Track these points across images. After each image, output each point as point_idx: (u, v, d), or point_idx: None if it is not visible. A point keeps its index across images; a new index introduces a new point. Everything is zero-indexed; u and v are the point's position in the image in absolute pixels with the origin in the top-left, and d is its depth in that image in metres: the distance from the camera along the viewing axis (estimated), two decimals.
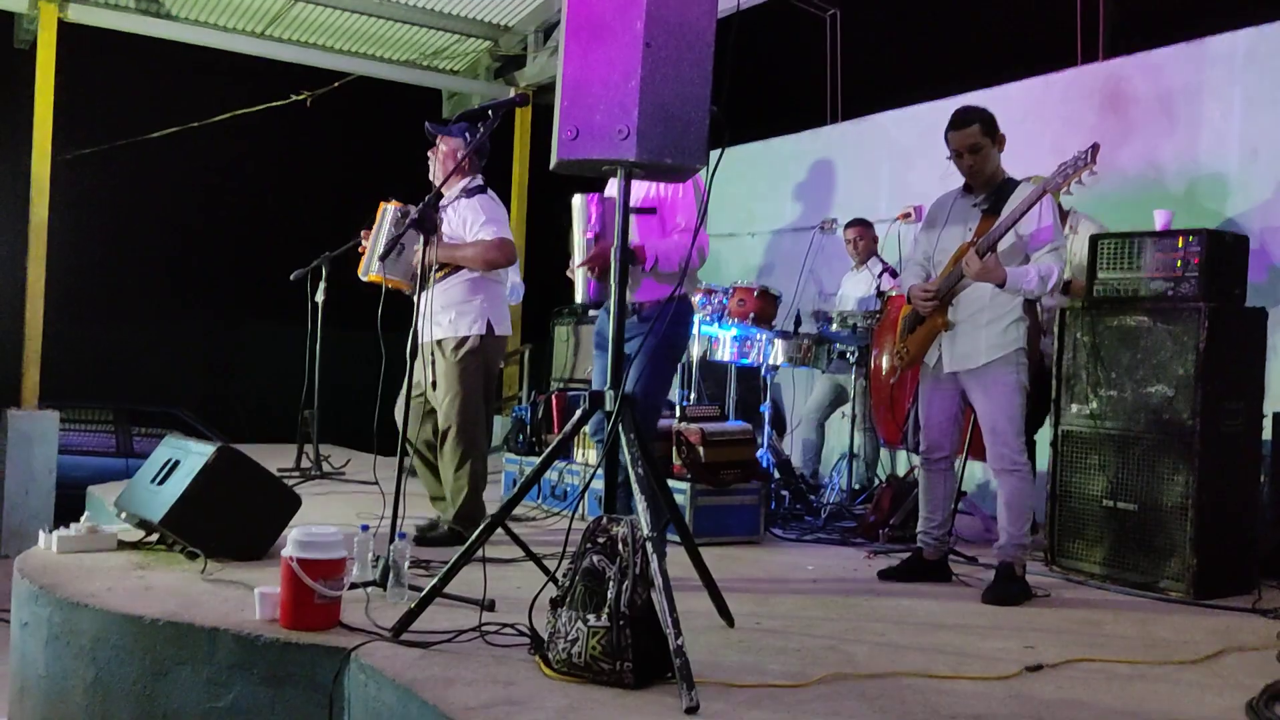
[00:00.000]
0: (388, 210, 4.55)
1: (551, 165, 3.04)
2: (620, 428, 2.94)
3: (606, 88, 2.84)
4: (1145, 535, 4.14)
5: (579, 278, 3.80)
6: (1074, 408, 4.44)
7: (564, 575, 2.76)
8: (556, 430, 5.84)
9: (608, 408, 2.97)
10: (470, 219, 4.48)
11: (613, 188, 3.92)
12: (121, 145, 10.37)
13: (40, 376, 7.91)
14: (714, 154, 3.00)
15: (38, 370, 7.88)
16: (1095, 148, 3.76)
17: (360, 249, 4.77)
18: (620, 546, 2.68)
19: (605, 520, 2.75)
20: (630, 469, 2.87)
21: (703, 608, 3.29)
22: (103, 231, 12.60)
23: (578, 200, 3.79)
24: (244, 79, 10.17)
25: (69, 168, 8.23)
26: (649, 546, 2.67)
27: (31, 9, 8.00)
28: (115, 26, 8.50)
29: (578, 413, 3.09)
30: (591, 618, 2.63)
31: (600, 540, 2.71)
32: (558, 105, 2.91)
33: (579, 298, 3.82)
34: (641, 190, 3.86)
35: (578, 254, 3.79)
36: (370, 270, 4.53)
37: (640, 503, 2.76)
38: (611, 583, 2.64)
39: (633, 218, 3.77)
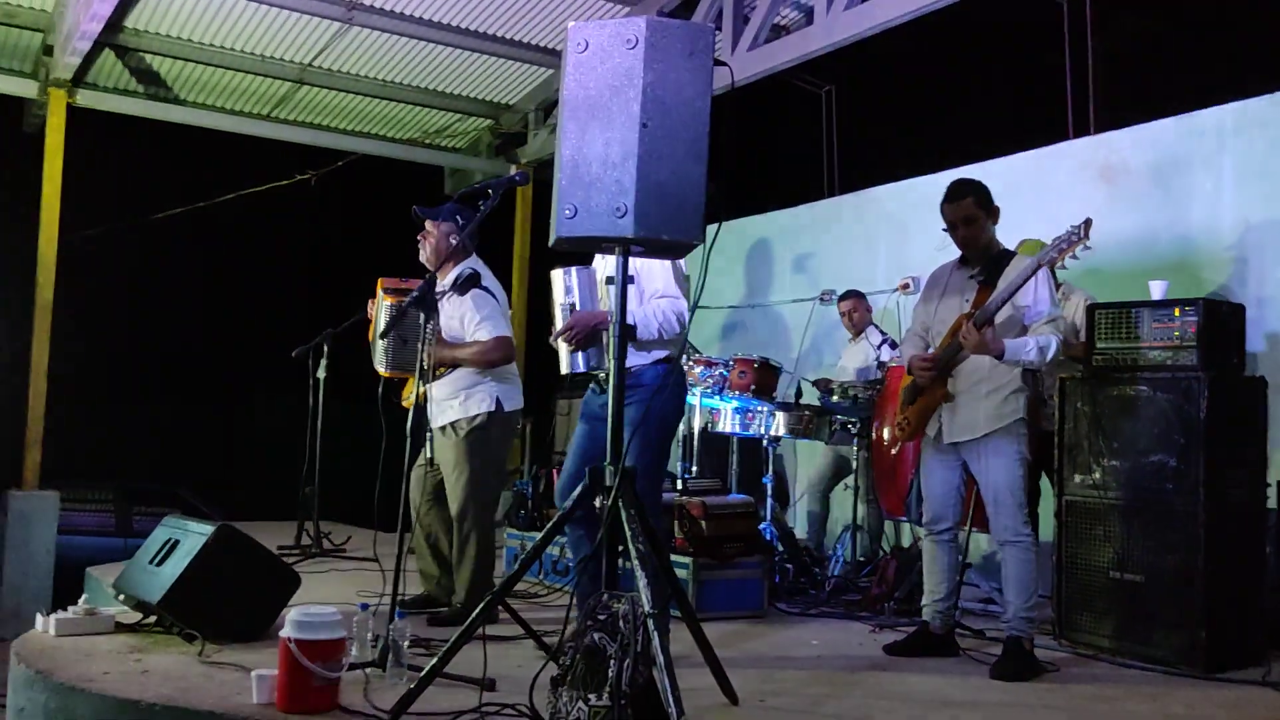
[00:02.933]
0: (383, 305, 4.59)
1: (551, 243, 3.08)
2: (621, 503, 2.92)
3: (604, 167, 2.88)
4: (1153, 607, 4.10)
5: (561, 349, 3.80)
6: (1077, 478, 4.42)
7: (565, 653, 2.73)
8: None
9: (607, 483, 2.96)
10: (467, 317, 4.47)
11: (594, 260, 3.95)
12: (127, 226, 10.49)
13: (41, 457, 7.89)
14: (711, 229, 3.03)
15: (39, 451, 7.87)
16: (1088, 222, 3.80)
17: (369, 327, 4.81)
18: (621, 623, 2.65)
19: (606, 597, 2.73)
20: (630, 545, 2.85)
21: (706, 684, 3.24)
22: (105, 310, 12.67)
23: (556, 274, 3.82)
24: (249, 160, 10.33)
25: (74, 248, 8.31)
26: (650, 623, 2.64)
27: (41, 94, 8.16)
28: (124, 111, 8.67)
29: (578, 489, 3.08)
30: (593, 697, 2.59)
31: (601, 617, 2.69)
32: (556, 184, 2.95)
33: (563, 369, 3.83)
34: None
35: (557, 326, 3.80)
36: (383, 370, 4.52)
37: (640, 579, 2.74)
38: (613, 661, 2.61)
39: (609, 288, 3.77)
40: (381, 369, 4.50)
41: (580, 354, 3.73)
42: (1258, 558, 4.26)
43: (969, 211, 4.03)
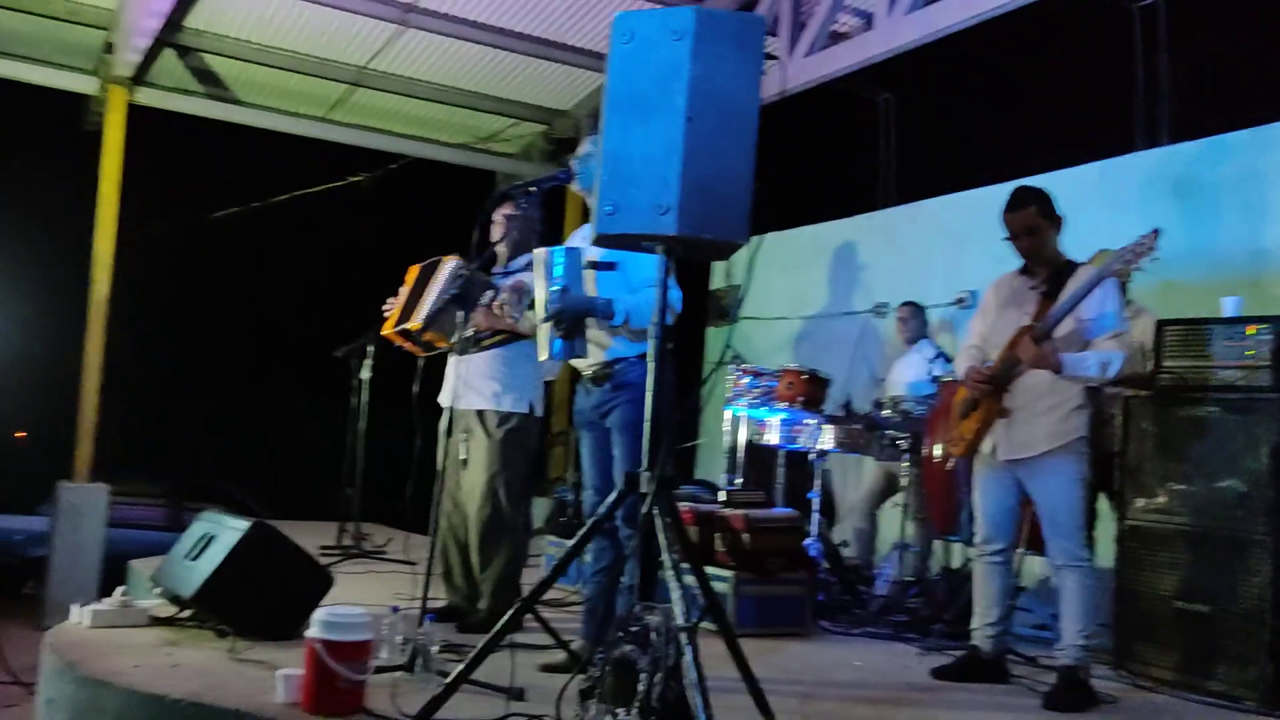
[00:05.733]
0: (448, 264, 4.30)
1: (591, 241, 2.99)
2: (656, 511, 2.81)
3: (647, 163, 2.78)
4: (1219, 639, 3.89)
5: (543, 334, 3.60)
6: (1140, 501, 4.23)
7: (594, 665, 2.63)
8: None
9: (643, 489, 2.84)
10: None
11: (575, 238, 3.78)
12: (181, 224, 10.62)
13: (94, 451, 7.97)
14: (757, 238, 2.90)
15: (91, 443, 7.95)
16: (1156, 233, 3.65)
17: (388, 307, 4.50)
18: (653, 636, 2.54)
19: (638, 608, 2.63)
20: (666, 554, 2.74)
21: (741, 704, 3.11)
22: (159, 307, 12.89)
23: (540, 252, 3.63)
24: (304, 161, 10.41)
25: (130, 245, 8.40)
26: (683, 638, 2.53)
27: (101, 92, 8.26)
28: (182, 110, 8.77)
29: (611, 495, 2.97)
30: (621, 712, 2.49)
31: (632, 629, 2.59)
32: (597, 180, 2.86)
33: (541, 355, 3.64)
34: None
35: (540, 308, 3.59)
36: (414, 320, 4.24)
37: (674, 591, 2.63)
38: (643, 675, 2.50)
39: (592, 273, 3.59)
40: (415, 321, 4.20)
41: (563, 342, 3.51)
42: None
43: (1031, 221, 3.88)
